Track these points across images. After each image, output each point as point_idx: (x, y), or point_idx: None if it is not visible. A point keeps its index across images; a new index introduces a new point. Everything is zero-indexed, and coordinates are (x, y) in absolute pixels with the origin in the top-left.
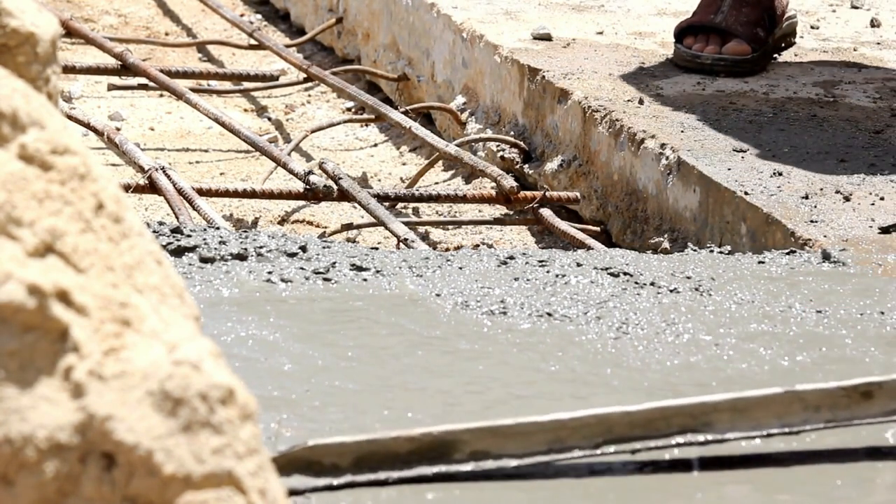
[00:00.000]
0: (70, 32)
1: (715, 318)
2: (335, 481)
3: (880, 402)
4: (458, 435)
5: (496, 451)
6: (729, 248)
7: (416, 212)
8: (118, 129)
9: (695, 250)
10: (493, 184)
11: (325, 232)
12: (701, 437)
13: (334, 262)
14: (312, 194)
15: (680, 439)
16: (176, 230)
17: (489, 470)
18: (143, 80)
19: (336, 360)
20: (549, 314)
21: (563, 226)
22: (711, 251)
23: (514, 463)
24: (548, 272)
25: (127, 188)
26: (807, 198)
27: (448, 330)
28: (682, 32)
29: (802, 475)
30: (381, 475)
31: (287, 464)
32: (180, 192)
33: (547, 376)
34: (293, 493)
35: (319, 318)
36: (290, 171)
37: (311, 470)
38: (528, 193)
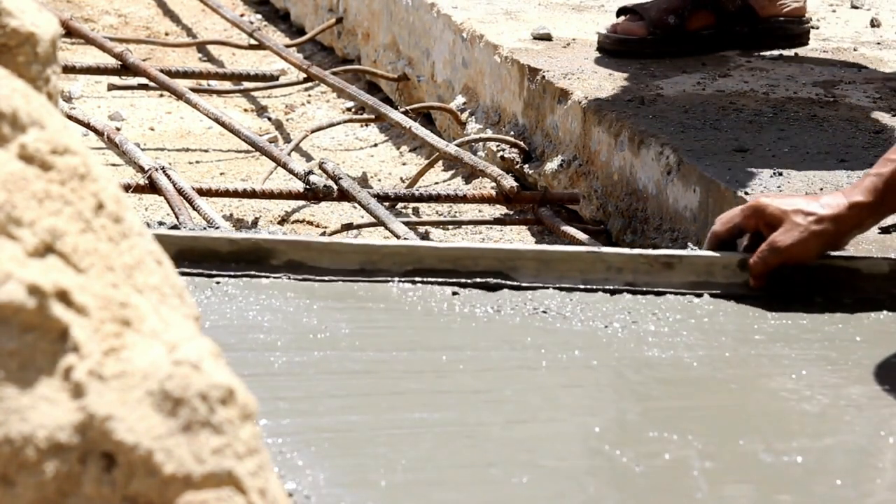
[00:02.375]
0: (70, 32)
1: (714, 319)
2: None
3: (680, 274)
4: (276, 244)
5: (310, 262)
6: None
7: (416, 212)
8: (118, 129)
9: (694, 250)
10: (493, 184)
11: (325, 232)
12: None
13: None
14: (312, 194)
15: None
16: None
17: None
18: (143, 80)
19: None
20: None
21: (563, 226)
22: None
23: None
24: None
25: (127, 188)
26: None
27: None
28: (618, 11)
29: (802, 475)
30: (199, 269)
31: None
32: (180, 192)
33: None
34: None
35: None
36: (290, 171)
37: None
38: (528, 193)
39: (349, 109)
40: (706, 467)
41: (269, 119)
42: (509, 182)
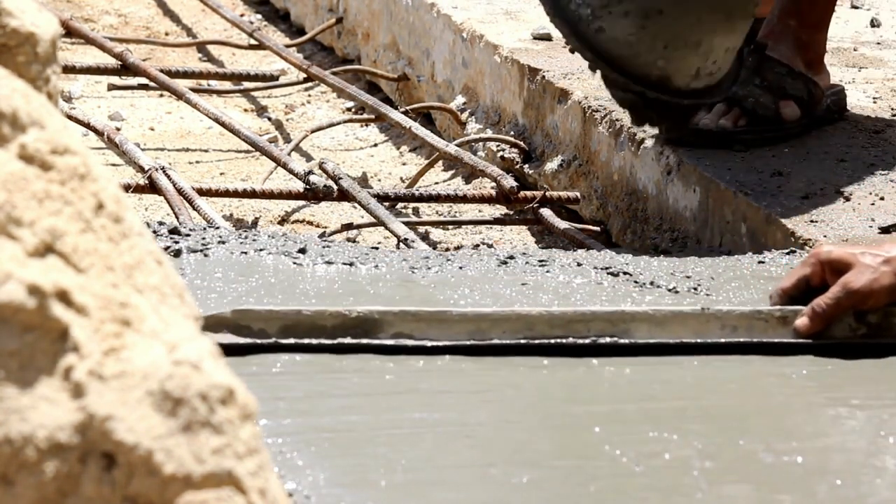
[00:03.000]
0: (70, 32)
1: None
2: (261, 341)
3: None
4: (383, 315)
5: (419, 335)
6: (730, 249)
7: (416, 212)
8: (118, 129)
9: (695, 250)
10: (493, 184)
11: (325, 232)
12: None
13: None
14: (312, 194)
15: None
16: (174, 230)
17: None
18: (144, 80)
19: None
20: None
21: (563, 226)
22: (712, 251)
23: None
24: (547, 272)
25: (127, 188)
26: (807, 198)
27: None
28: None
29: (802, 475)
30: (306, 341)
31: (216, 323)
32: (180, 191)
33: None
34: (223, 348)
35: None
36: (290, 171)
37: (239, 332)
38: (528, 193)
39: (349, 109)
40: (706, 467)
41: (269, 119)
42: (509, 182)
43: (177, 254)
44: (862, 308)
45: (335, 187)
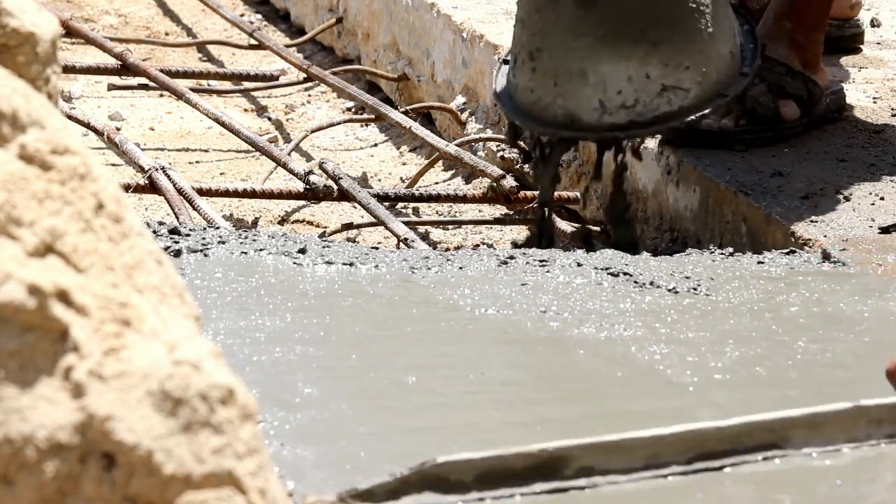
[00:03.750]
0: (70, 32)
1: (713, 319)
2: (464, 498)
3: None
4: (570, 451)
5: (601, 466)
6: (731, 249)
7: (416, 212)
8: (118, 129)
9: (695, 250)
10: (494, 184)
11: (325, 232)
12: (780, 453)
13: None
14: (312, 194)
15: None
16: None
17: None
18: (144, 80)
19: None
20: (543, 311)
21: (563, 226)
22: (712, 251)
23: (621, 479)
24: (547, 272)
25: (127, 188)
26: (807, 198)
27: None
28: None
29: (802, 475)
30: (505, 491)
31: (417, 480)
32: (180, 191)
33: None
34: None
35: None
36: (290, 171)
37: (439, 487)
38: (529, 193)
39: (349, 109)
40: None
41: (269, 119)
42: (509, 182)
43: (177, 254)
44: None
45: (335, 187)
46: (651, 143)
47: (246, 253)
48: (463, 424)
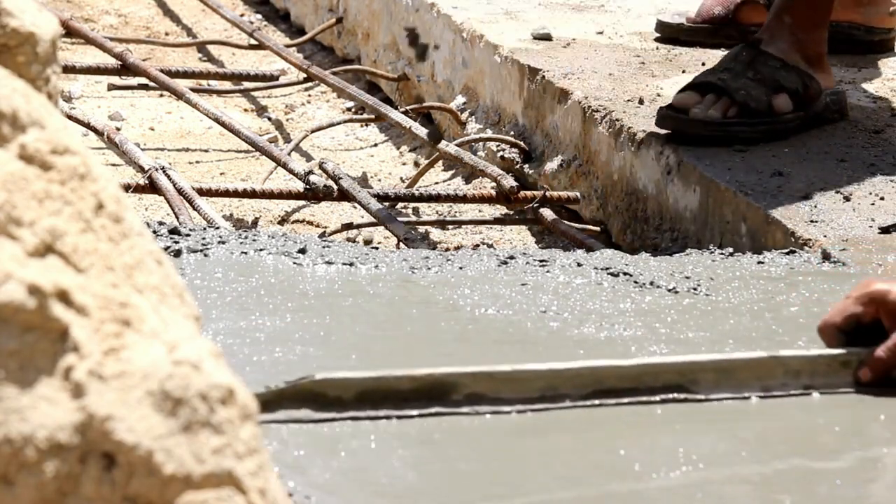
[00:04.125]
0: (70, 32)
1: (713, 319)
2: (339, 415)
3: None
4: (458, 378)
5: (492, 394)
6: (731, 249)
7: (416, 212)
8: (118, 129)
9: (695, 250)
10: (493, 184)
11: (325, 232)
12: (682, 396)
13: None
14: (312, 194)
15: (664, 396)
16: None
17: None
18: (144, 80)
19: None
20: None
21: (563, 226)
22: (711, 251)
23: (507, 409)
24: (547, 272)
25: (127, 188)
26: (807, 198)
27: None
28: None
29: (803, 475)
30: (382, 412)
31: (294, 394)
32: (180, 191)
33: None
34: (299, 422)
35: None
36: (290, 171)
37: (315, 402)
38: (528, 193)
39: (349, 109)
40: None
41: (269, 119)
42: (509, 182)
43: (177, 254)
44: None
45: (335, 187)
46: (650, 143)
47: (246, 253)
48: None
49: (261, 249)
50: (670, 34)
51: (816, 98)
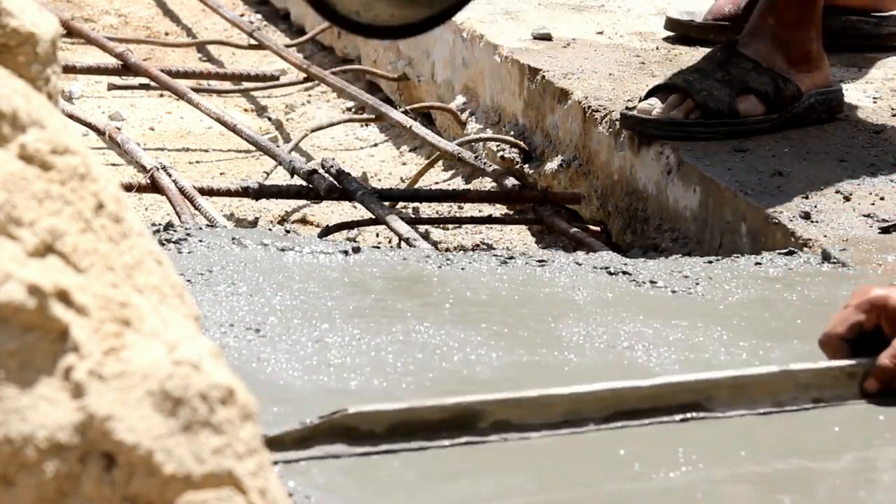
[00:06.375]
0: (70, 32)
1: (712, 319)
2: (373, 448)
3: (858, 384)
4: (486, 405)
5: (517, 420)
6: (730, 249)
7: (416, 211)
8: (118, 129)
9: (695, 250)
10: (494, 183)
11: (325, 231)
12: (701, 415)
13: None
14: (314, 194)
15: (680, 416)
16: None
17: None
18: (144, 80)
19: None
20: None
21: (564, 226)
22: (711, 251)
23: (534, 435)
24: (547, 273)
25: (129, 187)
26: (807, 198)
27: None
28: None
29: (803, 475)
30: (415, 444)
31: (328, 430)
32: (182, 191)
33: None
34: (336, 457)
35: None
36: (293, 171)
37: (348, 436)
38: (529, 193)
39: (349, 109)
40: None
41: (270, 119)
42: (509, 182)
43: (177, 251)
44: None
45: (339, 185)
46: (650, 143)
47: (245, 248)
48: None
49: (258, 246)
50: (680, 31)
51: (793, 100)
